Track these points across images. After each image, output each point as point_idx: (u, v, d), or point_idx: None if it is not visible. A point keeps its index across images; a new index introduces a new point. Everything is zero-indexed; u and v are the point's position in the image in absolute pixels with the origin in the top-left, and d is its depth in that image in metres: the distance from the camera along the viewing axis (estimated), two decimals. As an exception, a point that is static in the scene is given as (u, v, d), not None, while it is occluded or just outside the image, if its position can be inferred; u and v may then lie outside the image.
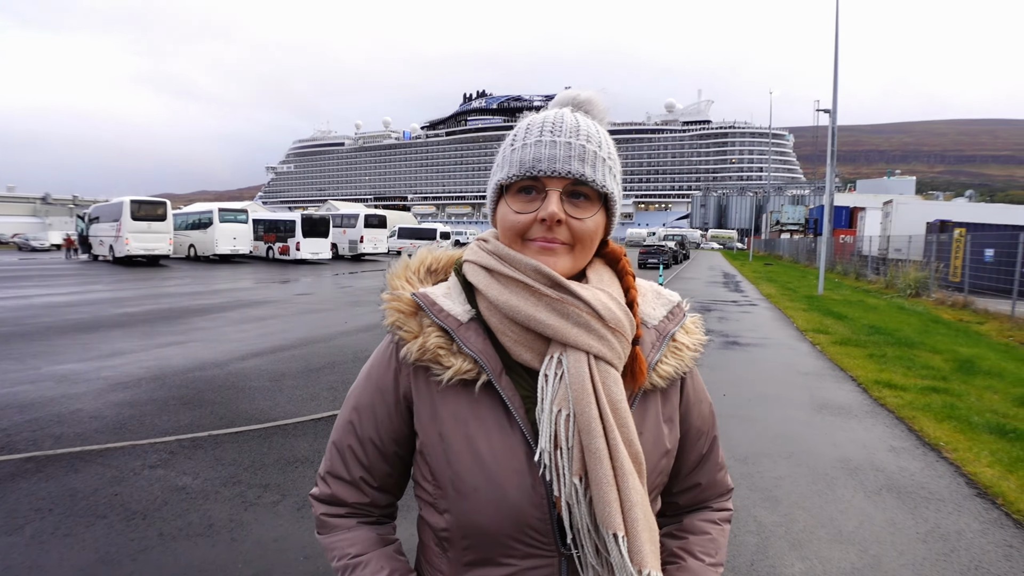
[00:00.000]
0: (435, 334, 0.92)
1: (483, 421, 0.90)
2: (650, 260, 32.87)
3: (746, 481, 4.24)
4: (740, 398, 6.46)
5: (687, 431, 1.04)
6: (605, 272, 0.98)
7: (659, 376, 0.97)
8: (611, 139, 0.96)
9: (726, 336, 10.64)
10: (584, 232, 0.90)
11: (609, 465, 0.84)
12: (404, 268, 1.03)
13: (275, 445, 4.77)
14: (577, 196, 0.90)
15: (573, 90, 1.00)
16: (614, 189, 0.93)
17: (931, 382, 7.17)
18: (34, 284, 18.30)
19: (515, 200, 0.91)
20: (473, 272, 0.94)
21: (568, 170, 0.87)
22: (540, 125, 0.91)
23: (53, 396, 6.01)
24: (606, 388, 0.87)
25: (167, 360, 7.73)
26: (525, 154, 0.89)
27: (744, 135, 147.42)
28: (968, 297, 15.61)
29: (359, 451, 1.00)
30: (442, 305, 0.94)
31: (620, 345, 0.89)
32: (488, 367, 0.90)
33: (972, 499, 4.03)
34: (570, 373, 0.86)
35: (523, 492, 0.87)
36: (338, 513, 1.01)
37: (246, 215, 32.60)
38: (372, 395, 0.99)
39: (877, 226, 30.47)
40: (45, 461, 4.36)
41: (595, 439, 0.84)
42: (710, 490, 1.10)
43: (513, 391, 0.90)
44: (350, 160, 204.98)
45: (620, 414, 0.87)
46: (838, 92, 22.99)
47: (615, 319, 0.89)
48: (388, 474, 1.01)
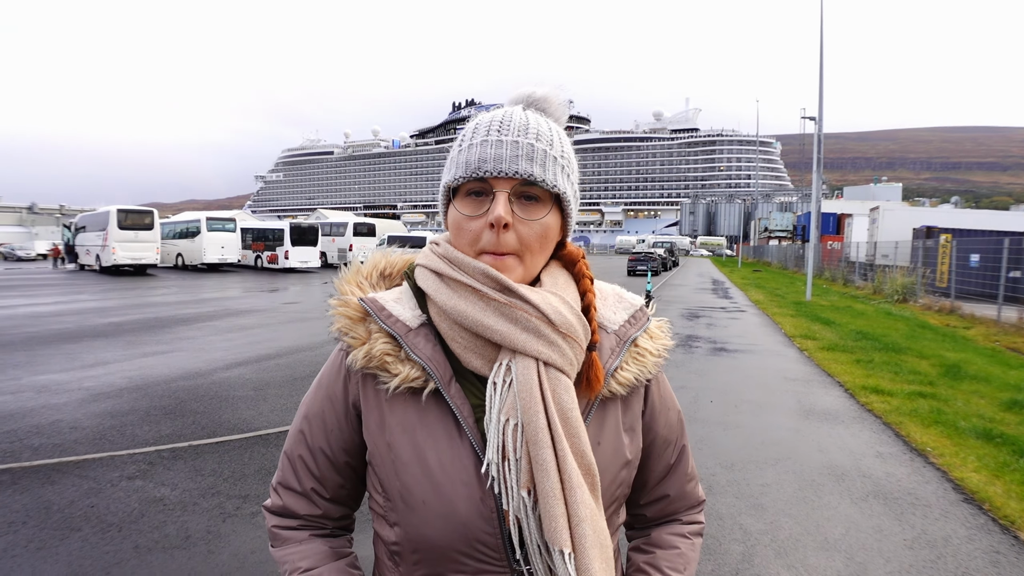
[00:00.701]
0: (382, 340, 0.89)
1: (431, 431, 0.86)
2: (639, 267, 33.00)
3: (732, 488, 4.21)
4: (727, 405, 6.44)
5: (653, 440, 1.00)
6: (561, 275, 0.94)
7: (618, 383, 0.93)
8: (566, 138, 0.92)
9: (714, 343, 10.65)
10: (533, 236, 0.86)
11: (557, 478, 0.80)
12: (355, 273, 1.00)
13: (256, 455, 4.70)
14: (528, 198, 0.85)
15: (528, 87, 0.95)
16: (567, 189, 0.88)
17: (918, 387, 7.19)
18: (19, 294, 18.09)
19: (464, 203, 0.87)
20: (423, 276, 0.91)
21: (515, 170, 0.83)
22: (488, 124, 0.87)
23: (33, 407, 5.91)
24: (556, 396, 0.83)
25: (151, 370, 7.63)
26: (471, 155, 0.85)
27: (732, 143, 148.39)
28: (955, 302, 15.73)
29: (310, 461, 0.96)
30: (391, 310, 0.91)
31: (572, 351, 0.86)
32: (436, 375, 0.86)
33: (959, 505, 4.02)
34: (518, 380, 0.83)
35: (472, 505, 0.84)
36: (290, 525, 0.98)
37: (234, 224, 32.47)
38: (322, 403, 0.95)
39: (864, 232, 30.66)
40: (21, 473, 4.28)
41: (542, 450, 0.80)
42: (679, 502, 1.05)
43: (463, 399, 0.87)
44: (339, 169, 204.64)
45: (570, 423, 0.83)
46: (824, 100, 23.23)
47: (566, 324, 0.85)
48: (340, 485, 0.98)
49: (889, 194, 72.50)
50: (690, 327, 12.60)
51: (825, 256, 33.70)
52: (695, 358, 9.11)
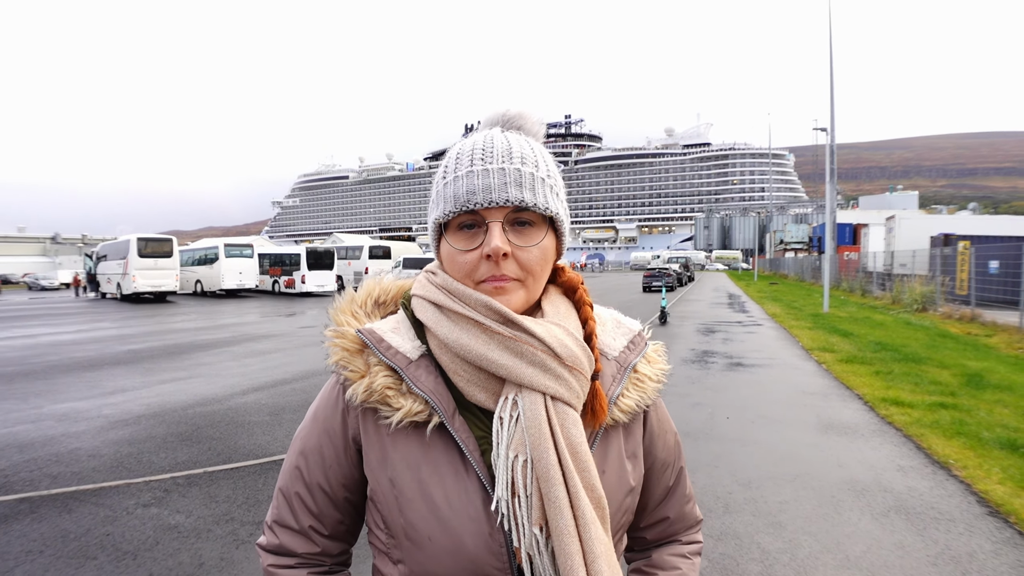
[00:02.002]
0: (383, 373, 0.87)
1: (436, 466, 0.85)
2: (654, 284, 32.81)
3: (750, 506, 4.14)
4: (744, 420, 6.36)
5: (652, 464, 0.99)
6: (561, 303, 0.93)
7: (620, 411, 0.91)
8: (549, 155, 0.91)
9: (730, 357, 10.55)
10: (533, 261, 0.85)
11: (570, 514, 0.79)
12: (349, 302, 0.98)
13: (271, 481, 4.71)
14: (521, 224, 0.84)
15: (500, 107, 0.93)
16: (559, 210, 0.87)
17: (939, 398, 7.05)
18: (42, 323, 18.40)
19: (457, 238, 0.85)
20: (421, 308, 0.89)
21: (506, 198, 0.82)
22: (470, 153, 0.86)
23: (53, 435, 5.98)
24: (565, 431, 0.82)
25: (168, 396, 7.70)
26: (459, 187, 0.83)
27: (744, 156, 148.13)
28: (975, 310, 15.46)
29: (307, 499, 0.94)
30: (390, 342, 0.89)
31: (578, 383, 0.85)
32: (440, 408, 0.85)
33: (984, 518, 3.92)
34: (526, 416, 0.81)
35: (480, 541, 0.82)
36: (287, 564, 0.95)
37: (251, 250, 32.86)
38: (319, 438, 0.93)
39: (881, 242, 30.36)
40: (39, 502, 4.32)
41: (555, 487, 0.79)
42: (678, 523, 1.05)
43: (468, 433, 0.85)
44: (354, 193, 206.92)
45: (580, 458, 0.82)
46: (835, 110, 23.15)
47: (572, 357, 0.84)
48: (339, 521, 0.96)
49: (905, 202, 71.92)
50: (706, 342, 12.49)
51: (842, 267, 33.36)
52: (711, 374, 9.03)
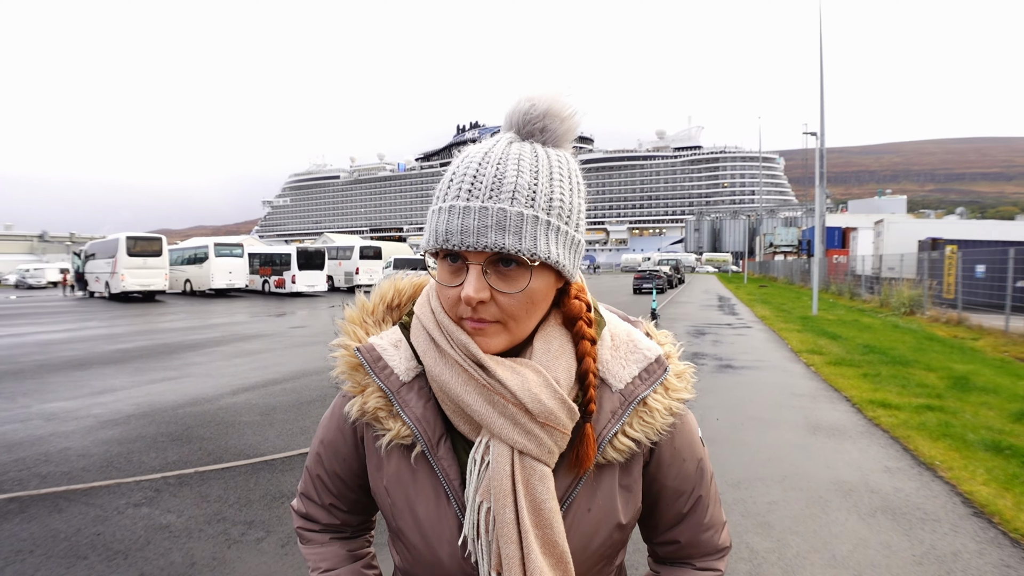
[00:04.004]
0: (375, 395, 0.88)
1: (421, 488, 0.88)
2: (645, 286, 32.94)
3: (739, 507, 4.18)
4: (733, 422, 6.41)
5: (660, 491, 0.94)
6: (556, 338, 0.85)
7: (615, 450, 0.86)
8: (566, 171, 0.82)
9: (720, 360, 10.61)
10: (515, 307, 0.79)
11: (520, 570, 0.80)
12: (360, 311, 0.98)
13: (262, 480, 4.71)
14: (508, 263, 0.77)
15: (525, 99, 0.82)
16: (551, 251, 0.78)
17: (926, 400, 7.14)
18: (29, 322, 18.22)
19: (442, 268, 0.81)
20: (417, 332, 0.88)
21: (485, 244, 0.74)
22: (461, 178, 0.79)
23: (42, 435, 5.95)
24: (528, 488, 0.80)
25: (158, 396, 7.67)
26: (439, 222, 0.78)
27: (735, 159, 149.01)
28: (962, 313, 15.63)
29: (327, 481, 1.01)
30: (387, 360, 0.89)
31: (552, 439, 0.81)
32: (423, 438, 0.86)
33: (968, 519, 3.98)
34: (492, 467, 0.81)
35: (455, 562, 0.86)
36: (312, 528, 1.05)
37: (241, 249, 32.67)
38: (334, 433, 0.98)
39: (870, 245, 30.59)
40: (29, 501, 4.30)
41: (508, 544, 0.80)
42: (691, 548, 0.98)
43: (451, 461, 0.86)
44: (346, 193, 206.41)
45: (543, 515, 0.80)
46: (825, 114, 23.33)
47: (545, 412, 0.79)
48: (357, 500, 1.02)
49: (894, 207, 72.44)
50: (696, 344, 12.56)
51: (831, 270, 33.61)
52: (701, 375, 9.07)
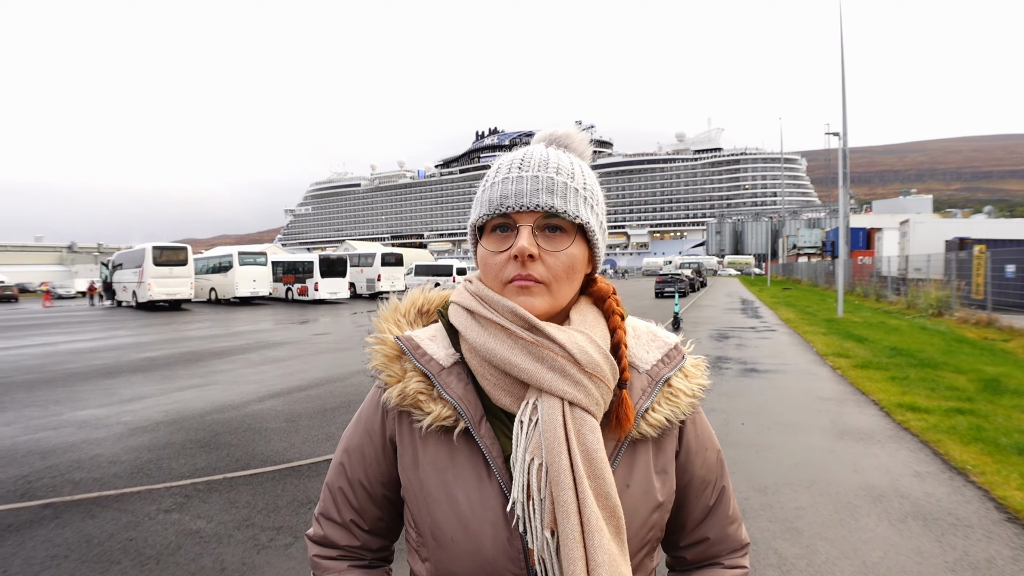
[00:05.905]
0: (416, 379, 0.91)
1: (461, 470, 0.88)
2: (666, 289, 32.75)
3: (766, 512, 4.14)
4: (759, 426, 6.35)
5: (689, 481, 0.98)
6: (590, 312, 0.94)
7: (649, 425, 0.91)
8: (590, 172, 0.95)
9: (744, 363, 10.51)
10: (560, 266, 0.87)
11: (577, 520, 0.81)
12: (393, 311, 1.03)
13: (289, 486, 4.77)
14: (552, 229, 0.88)
15: (550, 128, 0.99)
16: (591, 219, 0.90)
17: (956, 403, 7.00)
18: (60, 331, 18.66)
19: (490, 240, 0.90)
20: (456, 313, 0.93)
21: (536, 203, 0.85)
22: (509, 163, 0.91)
23: (74, 442, 6.08)
24: (580, 436, 0.83)
25: (186, 403, 7.79)
26: (494, 192, 0.88)
27: (756, 161, 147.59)
28: (992, 314, 15.29)
29: (349, 494, 0.99)
30: (425, 348, 0.93)
31: (599, 391, 0.86)
32: (467, 414, 0.88)
33: (1002, 524, 3.90)
34: (543, 420, 0.83)
35: (499, 545, 0.85)
36: (330, 555, 1.00)
37: (265, 258, 33.14)
38: (361, 437, 0.98)
39: (895, 246, 30.14)
40: (63, 507, 4.40)
41: (564, 491, 0.81)
42: (720, 545, 1.02)
43: (492, 439, 0.88)
44: (366, 200, 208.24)
45: (594, 464, 0.83)
46: (847, 114, 23.04)
47: (592, 363, 0.86)
48: (379, 517, 1.01)
49: (919, 206, 71.08)
50: (719, 348, 12.46)
51: (856, 272, 33.11)
52: (725, 379, 9.00)
